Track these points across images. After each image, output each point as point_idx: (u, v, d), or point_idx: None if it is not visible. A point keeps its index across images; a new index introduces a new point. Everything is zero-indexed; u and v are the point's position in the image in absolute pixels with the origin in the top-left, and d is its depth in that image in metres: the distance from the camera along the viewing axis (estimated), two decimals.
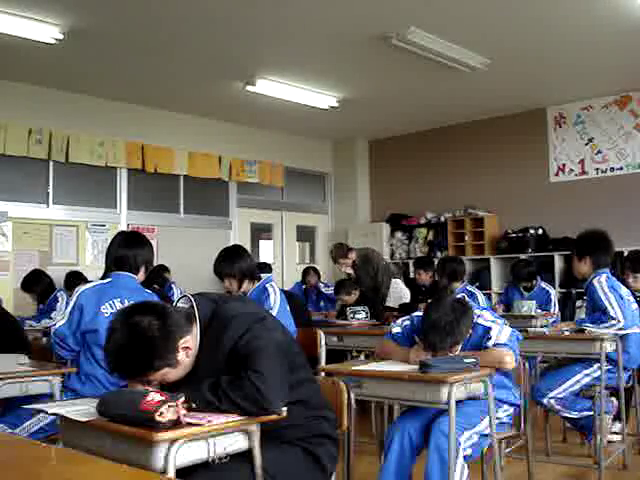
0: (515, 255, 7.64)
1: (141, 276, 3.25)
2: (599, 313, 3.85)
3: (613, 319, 3.77)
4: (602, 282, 3.89)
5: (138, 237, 3.33)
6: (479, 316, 2.93)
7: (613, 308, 3.79)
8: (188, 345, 1.99)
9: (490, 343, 2.82)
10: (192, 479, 1.79)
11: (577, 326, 3.96)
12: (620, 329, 3.77)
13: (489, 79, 6.81)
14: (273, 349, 1.98)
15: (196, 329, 2.03)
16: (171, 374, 1.97)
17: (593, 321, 3.87)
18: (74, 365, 3.16)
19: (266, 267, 6.84)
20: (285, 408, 1.92)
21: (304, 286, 7.62)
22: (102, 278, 3.24)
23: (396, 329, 3.12)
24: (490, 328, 2.87)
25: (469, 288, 5.40)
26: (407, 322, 3.11)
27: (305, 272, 7.73)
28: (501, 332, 2.85)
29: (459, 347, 2.86)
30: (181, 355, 1.97)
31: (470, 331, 2.89)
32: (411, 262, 8.56)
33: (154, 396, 1.71)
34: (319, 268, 8.04)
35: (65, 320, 3.07)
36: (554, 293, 5.92)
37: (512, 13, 5.27)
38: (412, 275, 8.16)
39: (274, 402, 1.88)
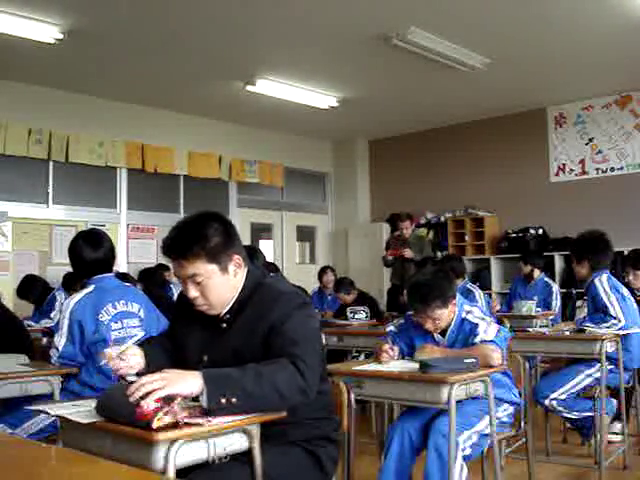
0: (515, 255, 7.63)
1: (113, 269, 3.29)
2: (600, 313, 3.85)
3: (614, 318, 3.77)
4: (603, 282, 3.89)
5: (99, 236, 3.28)
6: (468, 312, 2.93)
7: (614, 308, 3.79)
8: (240, 264, 2.03)
9: (477, 340, 2.81)
10: (192, 479, 1.79)
11: (577, 326, 3.95)
12: (621, 329, 3.77)
13: (489, 79, 6.81)
14: (317, 338, 2.05)
15: (244, 271, 2.07)
16: (213, 280, 1.97)
17: (594, 321, 3.86)
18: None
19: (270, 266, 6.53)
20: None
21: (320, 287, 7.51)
22: (81, 287, 3.22)
23: (390, 328, 3.15)
24: (477, 325, 2.86)
25: (468, 286, 5.43)
26: (402, 321, 3.13)
27: (322, 272, 7.49)
28: (488, 329, 2.83)
29: (443, 312, 2.86)
30: (231, 267, 2.01)
31: (454, 301, 2.90)
32: None
33: (149, 404, 1.68)
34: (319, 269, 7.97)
35: (65, 340, 3.03)
36: (556, 287, 6.02)
37: (512, 13, 5.27)
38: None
39: (314, 390, 1.89)
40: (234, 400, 1.74)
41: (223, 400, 1.72)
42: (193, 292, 1.99)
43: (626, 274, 4.73)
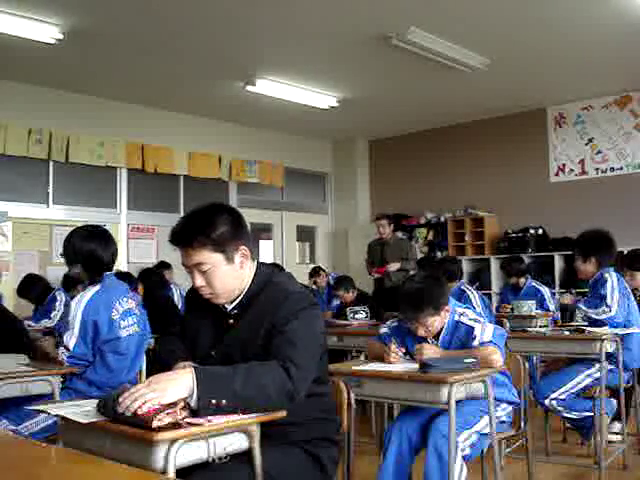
0: (515, 255, 7.62)
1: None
2: (597, 300, 3.94)
3: (606, 306, 3.88)
4: (612, 275, 3.97)
5: (103, 233, 3.24)
6: (461, 314, 2.92)
7: (612, 299, 3.88)
8: (247, 255, 2.05)
9: (475, 342, 2.80)
10: (192, 479, 1.79)
11: (577, 309, 4.08)
12: (613, 320, 3.88)
13: (489, 79, 6.81)
14: (317, 341, 2.02)
15: (252, 265, 2.09)
16: (218, 270, 1.99)
17: (588, 304, 4.01)
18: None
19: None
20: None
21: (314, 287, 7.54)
22: (83, 286, 3.20)
23: (384, 330, 3.14)
24: (473, 327, 2.85)
25: (463, 287, 5.41)
26: (395, 323, 3.12)
27: (313, 273, 7.61)
28: (484, 330, 2.82)
29: (436, 318, 2.85)
30: (237, 257, 2.03)
31: (447, 307, 2.89)
32: None
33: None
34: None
35: (76, 339, 3.01)
36: (547, 291, 5.87)
37: (512, 13, 5.27)
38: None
39: (301, 394, 1.88)
40: (224, 402, 1.74)
41: (213, 401, 1.73)
42: (199, 281, 2.02)
43: (623, 274, 4.75)
